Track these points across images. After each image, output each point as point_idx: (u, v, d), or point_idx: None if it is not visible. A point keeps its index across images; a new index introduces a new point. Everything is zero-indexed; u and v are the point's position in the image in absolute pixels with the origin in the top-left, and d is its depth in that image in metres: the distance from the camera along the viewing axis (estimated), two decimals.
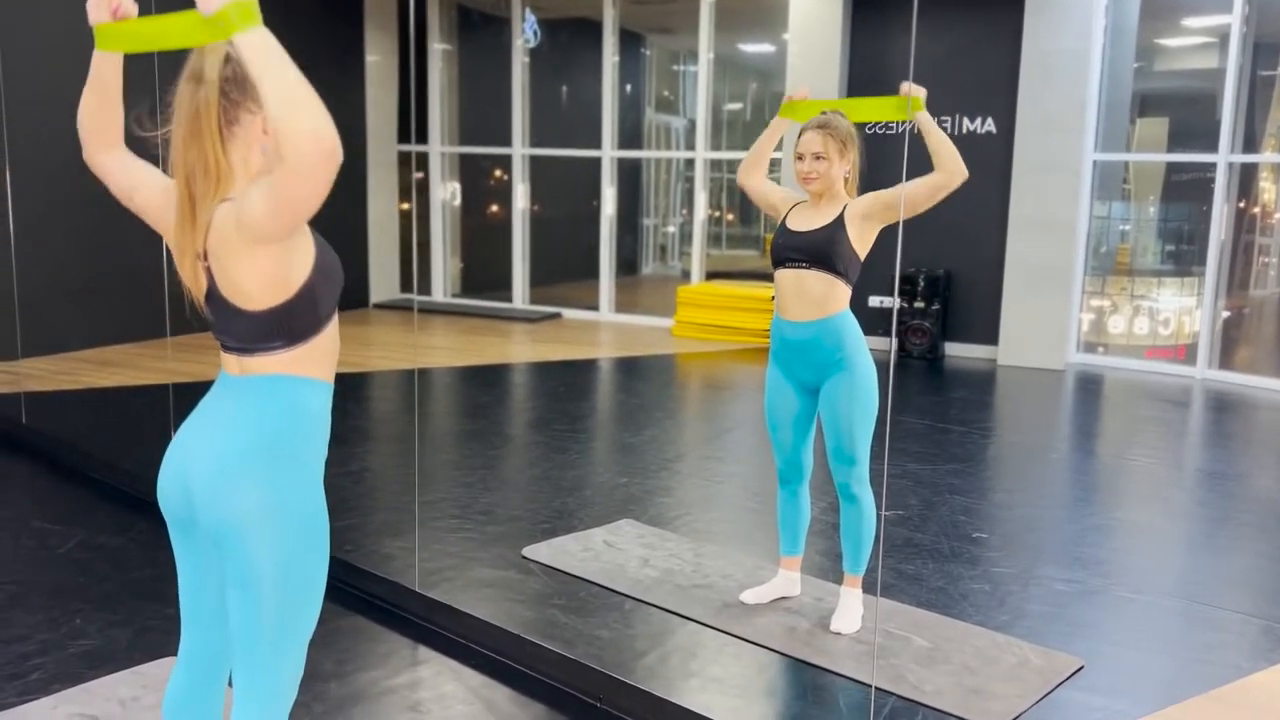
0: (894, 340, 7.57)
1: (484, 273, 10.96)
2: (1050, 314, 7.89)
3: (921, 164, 2.99)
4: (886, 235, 3.23)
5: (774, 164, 8.40)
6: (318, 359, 1.85)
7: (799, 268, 3.15)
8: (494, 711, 2.78)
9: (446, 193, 10.70)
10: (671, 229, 11.36)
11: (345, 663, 3.00)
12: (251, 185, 1.68)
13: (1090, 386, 7.45)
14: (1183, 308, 8.04)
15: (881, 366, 3.17)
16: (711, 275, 9.73)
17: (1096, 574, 3.78)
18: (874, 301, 8.48)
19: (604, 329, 9.49)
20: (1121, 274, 8.34)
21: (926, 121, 3.05)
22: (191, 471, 1.78)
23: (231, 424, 1.79)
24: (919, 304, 8.13)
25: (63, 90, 2.44)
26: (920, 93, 3.05)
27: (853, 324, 3.18)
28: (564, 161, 10.22)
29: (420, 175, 10.61)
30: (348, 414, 6.03)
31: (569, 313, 10.09)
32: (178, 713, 1.98)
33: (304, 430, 1.82)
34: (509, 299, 10.39)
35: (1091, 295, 8.22)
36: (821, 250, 3.11)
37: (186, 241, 1.77)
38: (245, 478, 1.75)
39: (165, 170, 1.83)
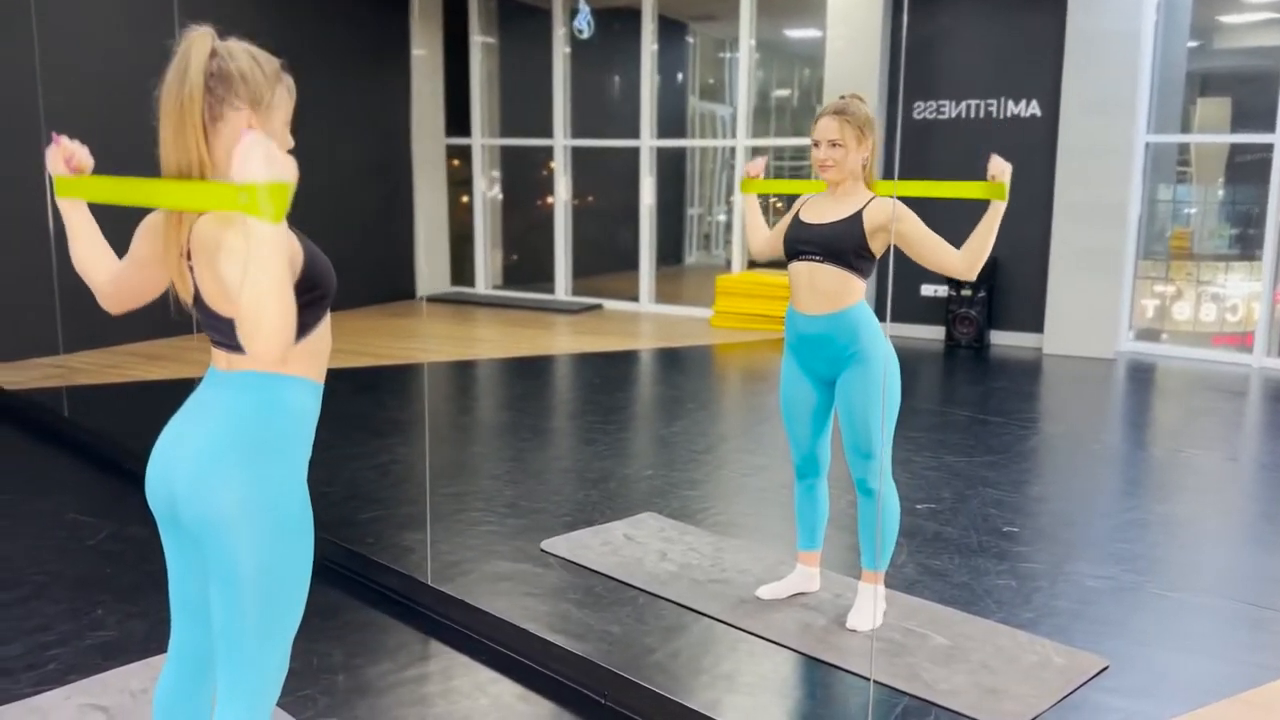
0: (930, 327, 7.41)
1: (527, 265, 10.98)
2: (1099, 301, 7.68)
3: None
4: (947, 218, 3.12)
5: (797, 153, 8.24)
6: (305, 358, 1.84)
7: (812, 261, 3.09)
8: (499, 706, 2.76)
9: (486, 185, 10.74)
10: (722, 218, 11.28)
11: (355, 655, 3.01)
12: (233, 260, 1.65)
13: (1141, 376, 7.24)
14: (1251, 293, 7.77)
15: (931, 356, 3.09)
16: (754, 264, 9.63)
17: (1131, 570, 3.66)
18: (926, 290, 8.34)
19: (643, 320, 9.45)
20: (1182, 259, 8.07)
21: (998, 212, 2.99)
22: (174, 467, 1.78)
23: (215, 420, 1.78)
24: (965, 292, 7.97)
25: (101, 88, 2.46)
26: (1006, 173, 2.97)
27: (868, 316, 3.11)
28: (606, 152, 10.19)
29: (456, 163, 10.67)
30: (384, 406, 6.08)
31: (610, 304, 10.07)
32: (168, 708, 1.99)
33: (287, 428, 1.81)
34: (551, 291, 10.40)
35: (1155, 281, 7.98)
36: (835, 244, 3.04)
37: (173, 239, 1.77)
38: (226, 474, 1.74)
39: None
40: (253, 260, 1.53)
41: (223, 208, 1.59)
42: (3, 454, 5.24)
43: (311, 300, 1.80)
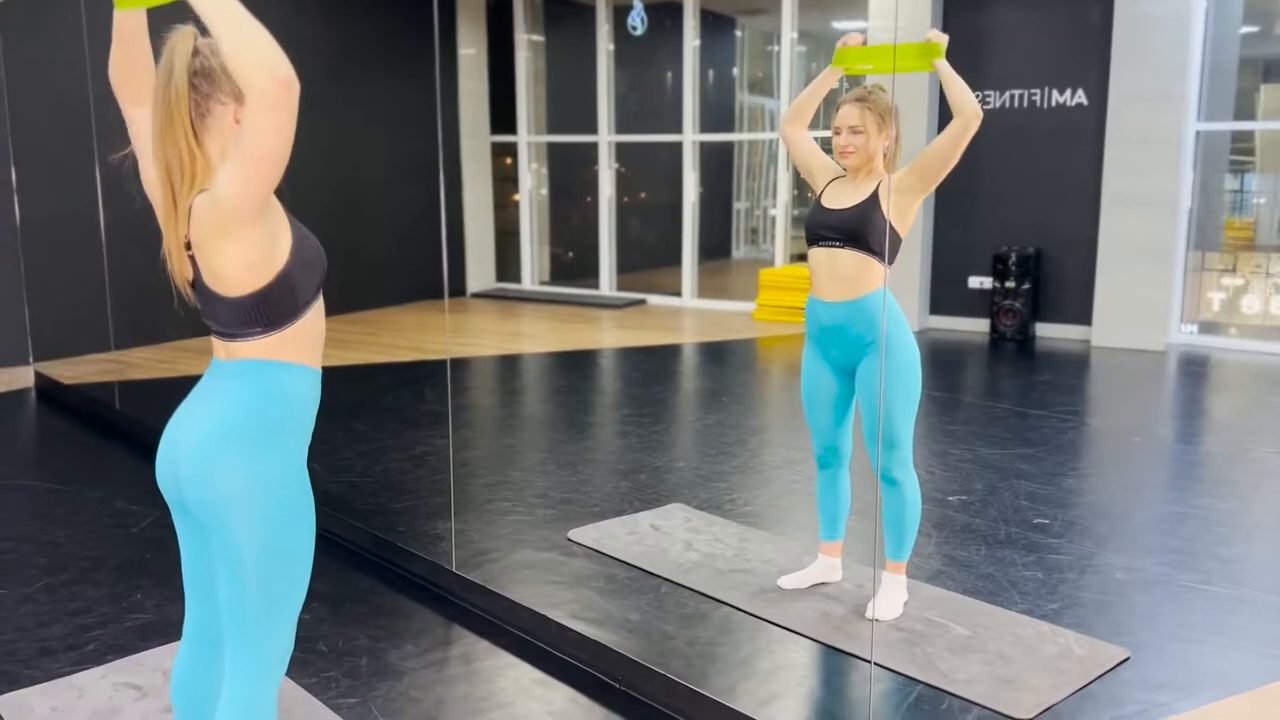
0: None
1: (572, 261, 11.06)
2: (1149, 292, 7.53)
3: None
4: (987, 212, 3.09)
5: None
6: (299, 345, 1.90)
7: (832, 246, 3.09)
8: (518, 689, 2.82)
9: (533, 182, 10.83)
10: (774, 212, 11.25)
11: (379, 639, 3.09)
12: (222, 165, 1.74)
13: (1192, 369, 7.09)
14: None
15: (975, 348, 3.08)
16: (798, 258, 9.60)
17: (1162, 563, 3.61)
18: (973, 282, 8.26)
19: (686, 315, 9.47)
20: (1243, 250, 7.86)
21: (945, 69, 2.96)
22: (179, 453, 1.85)
23: (216, 407, 1.85)
24: (1009, 284, 7.88)
25: None
26: (942, 39, 2.97)
27: (890, 303, 3.10)
28: (651, 147, 10.22)
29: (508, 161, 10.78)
30: (424, 399, 6.18)
31: (654, 299, 10.10)
32: (183, 686, 2.07)
33: (285, 413, 1.87)
34: (596, 286, 10.47)
35: (1221, 274, 7.80)
36: (855, 228, 3.04)
37: (171, 230, 1.83)
38: (225, 459, 1.81)
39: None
40: (216, 14, 1.57)
41: None
42: (59, 445, 5.44)
43: (303, 281, 1.85)
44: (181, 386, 1.97)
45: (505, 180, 10.96)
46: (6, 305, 6.93)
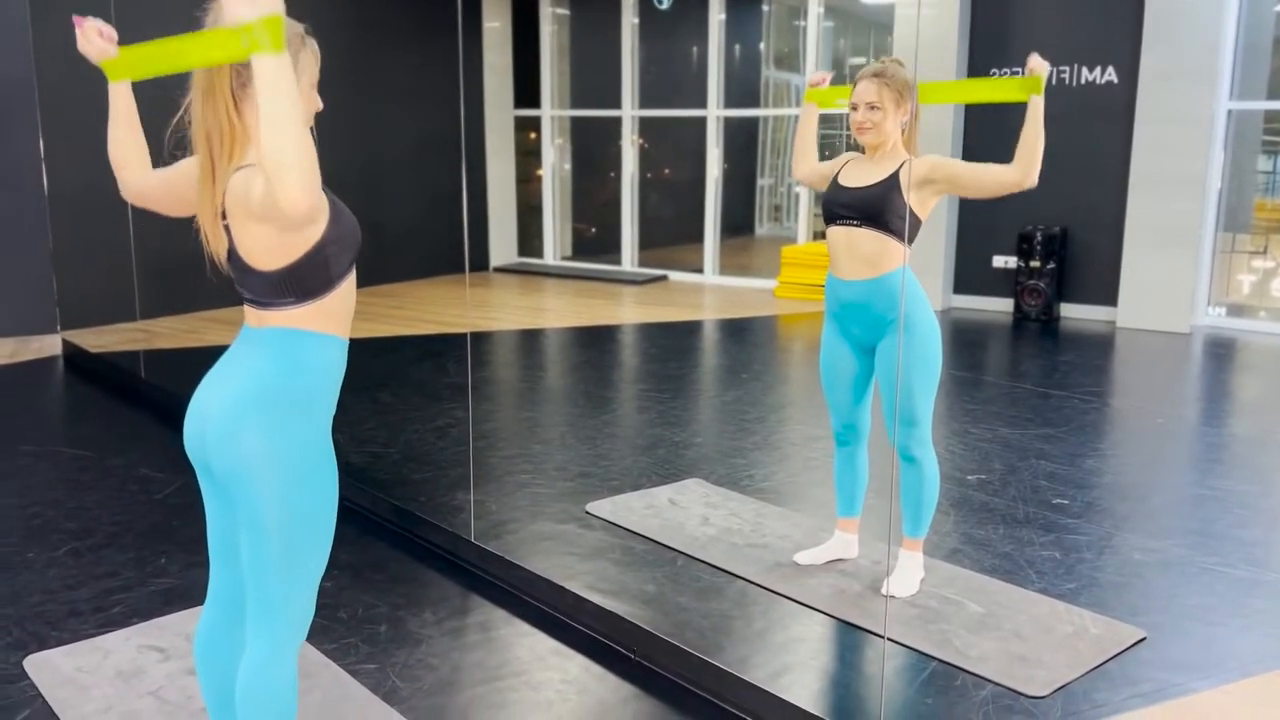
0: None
1: (595, 236, 11.06)
2: (1176, 274, 7.45)
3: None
4: (1014, 195, 3.03)
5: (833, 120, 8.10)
6: (330, 315, 1.92)
7: (850, 225, 3.07)
8: (533, 657, 2.85)
9: (556, 157, 10.82)
10: (798, 189, 11.19)
11: (399, 608, 3.13)
12: (258, 175, 1.74)
13: (1218, 351, 7.03)
14: None
15: (998, 328, 3.06)
16: (820, 235, 9.56)
17: (1182, 544, 3.60)
18: (998, 261, 8.21)
19: (708, 291, 9.46)
20: (1275, 232, 7.74)
21: (1036, 112, 2.88)
22: (206, 418, 1.88)
23: (243, 374, 1.88)
24: (1034, 263, 7.82)
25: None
26: (1043, 69, 2.88)
27: (910, 282, 3.08)
28: (675, 123, 10.18)
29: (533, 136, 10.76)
30: (447, 372, 6.22)
31: (675, 275, 10.09)
32: (206, 647, 2.10)
33: (311, 382, 1.90)
34: (618, 262, 10.46)
35: (1253, 256, 7.70)
36: (873, 208, 3.02)
37: (207, 201, 1.86)
38: (250, 424, 1.83)
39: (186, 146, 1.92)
40: (267, 96, 1.54)
41: (231, 56, 1.64)
42: (86, 412, 5.51)
43: (337, 255, 1.87)
44: (207, 356, 1.99)
45: (529, 155, 10.96)
46: (35, 275, 7.01)
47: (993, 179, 2.91)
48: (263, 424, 1.83)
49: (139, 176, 2.01)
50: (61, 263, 7.07)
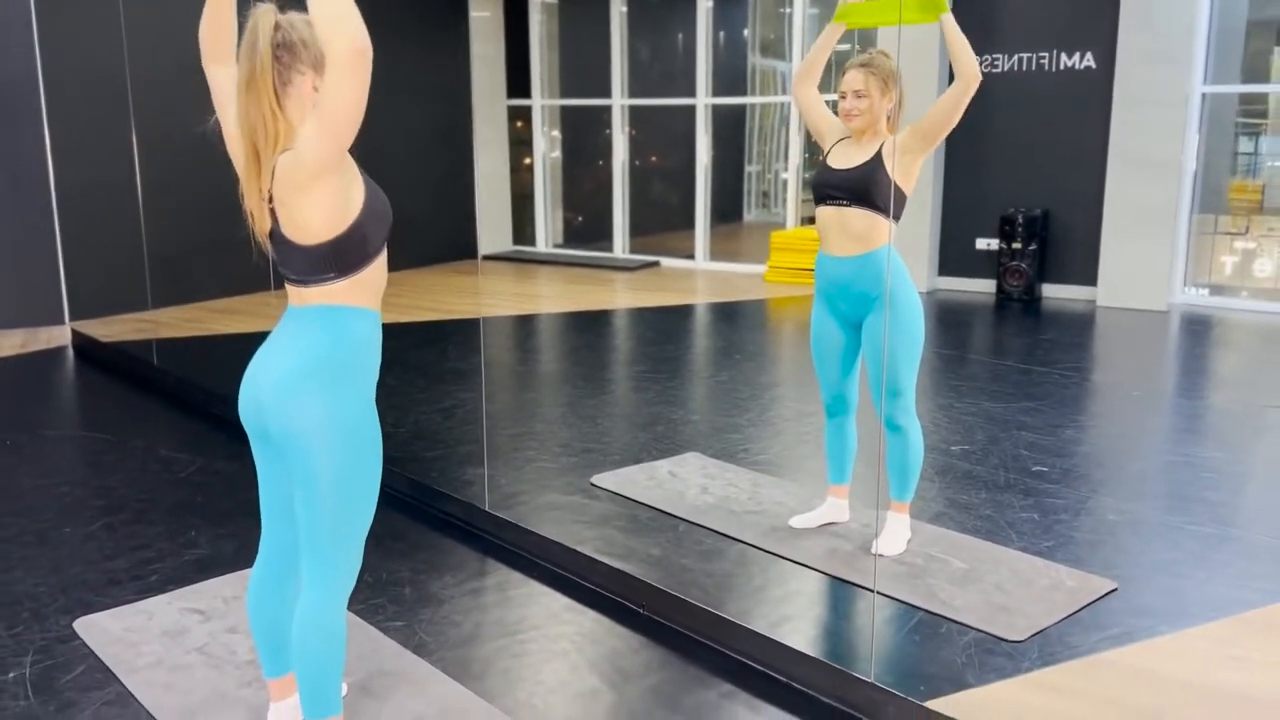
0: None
1: (586, 224, 11.23)
2: (1153, 254, 7.69)
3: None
4: (994, 174, 3.24)
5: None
6: (366, 290, 2.12)
7: (840, 205, 3.28)
8: (549, 614, 3.06)
9: (547, 146, 10.98)
10: (785, 175, 11.39)
11: (420, 572, 3.33)
12: (302, 126, 1.95)
13: (1194, 328, 7.27)
14: None
15: (982, 308, 3.26)
16: (809, 221, 9.77)
17: (1155, 507, 3.83)
18: (981, 244, 8.43)
19: (699, 276, 9.67)
20: (1253, 213, 7.98)
21: (950, 25, 3.10)
22: (261, 388, 2.08)
23: (293, 347, 2.08)
24: (1016, 245, 8.04)
25: (186, 57, 2.75)
26: None
27: (895, 258, 3.28)
28: (664, 111, 10.36)
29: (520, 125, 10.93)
30: (447, 357, 6.41)
31: (667, 261, 10.29)
32: (259, 598, 2.30)
33: (354, 352, 2.10)
34: (610, 249, 10.65)
35: (1235, 237, 7.94)
36: (861, 187, 3.23)
37: (253, 186, 2.05)
38: (304, 393, 2.03)
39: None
40: None
41: None
42: (100, 398, 5.68)
43: (373, 231, 2.07)
44: (214, 344, 2.19)
45: (519, 144, 11.12)
46: (43, 267, 7.16)
47: (951, 100, 3.09)
48: (316, 393, 2.03)
49: (212, 62, 2.17)
50: (69, 255, 7.22)
